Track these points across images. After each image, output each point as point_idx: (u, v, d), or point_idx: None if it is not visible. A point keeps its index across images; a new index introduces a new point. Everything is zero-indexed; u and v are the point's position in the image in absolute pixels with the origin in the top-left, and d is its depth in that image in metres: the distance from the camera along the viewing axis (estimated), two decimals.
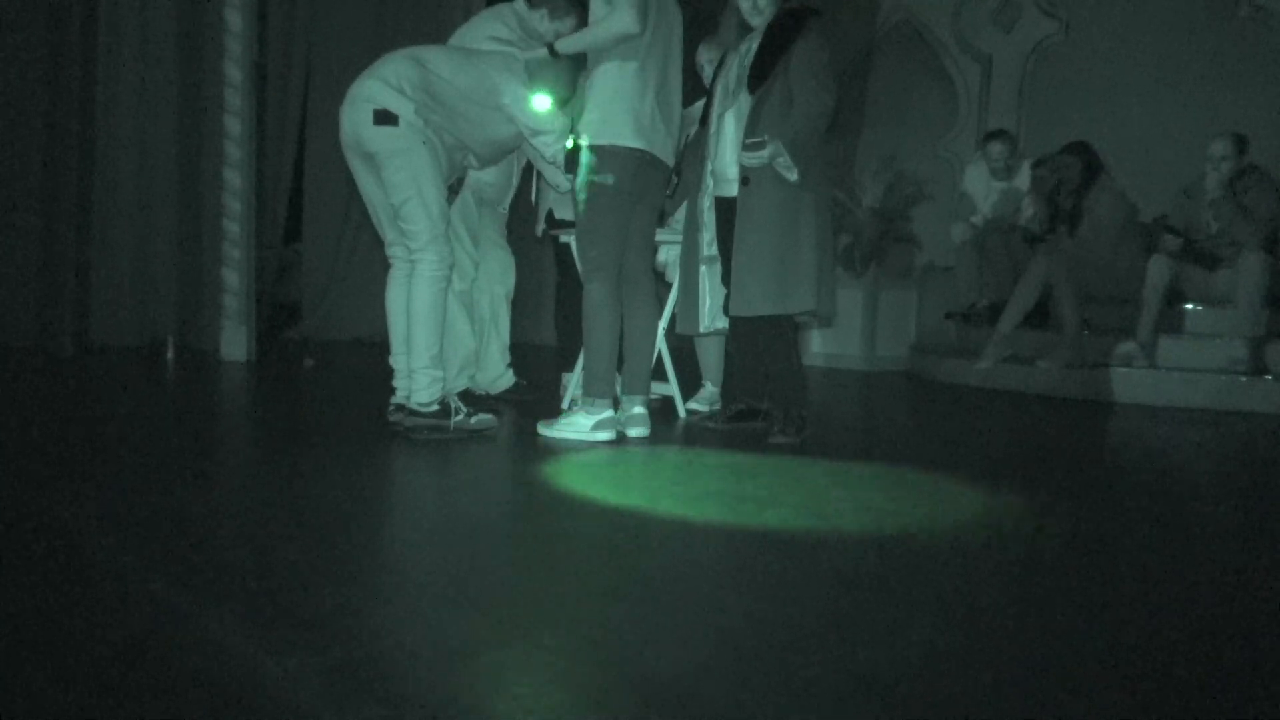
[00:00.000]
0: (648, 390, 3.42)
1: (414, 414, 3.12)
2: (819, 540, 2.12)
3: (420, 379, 3.11)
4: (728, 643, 1.47)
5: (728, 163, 3.34)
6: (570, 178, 3.32)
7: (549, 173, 3.58)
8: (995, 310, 5.49)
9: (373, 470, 2.67)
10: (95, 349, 5.64)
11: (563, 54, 3.19)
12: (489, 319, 4.04)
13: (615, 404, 3.31)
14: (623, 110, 3.12)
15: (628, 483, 2.80)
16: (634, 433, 3.30)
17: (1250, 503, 2.85)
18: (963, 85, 7.25)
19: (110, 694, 1.23)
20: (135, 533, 1.92)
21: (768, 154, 3.09)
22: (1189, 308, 5.17)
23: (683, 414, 3.88)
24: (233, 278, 5.47)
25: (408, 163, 3.02)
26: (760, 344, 3.37)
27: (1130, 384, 4.84)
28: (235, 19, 5.39)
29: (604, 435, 3.21)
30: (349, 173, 3.22)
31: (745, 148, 3.15)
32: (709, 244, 3.42)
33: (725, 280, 3.36)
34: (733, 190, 3.30)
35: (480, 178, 3.77)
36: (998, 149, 5.84)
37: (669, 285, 3.96)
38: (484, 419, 3.24)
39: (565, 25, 3.54)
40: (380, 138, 3.02)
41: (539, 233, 4.33)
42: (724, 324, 3.45)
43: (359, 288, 6.75)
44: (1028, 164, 5.82)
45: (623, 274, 3.28)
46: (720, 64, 3.50)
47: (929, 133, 7.23)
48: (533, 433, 3.28)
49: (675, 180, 3.68)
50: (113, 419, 3.53)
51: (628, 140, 3.13)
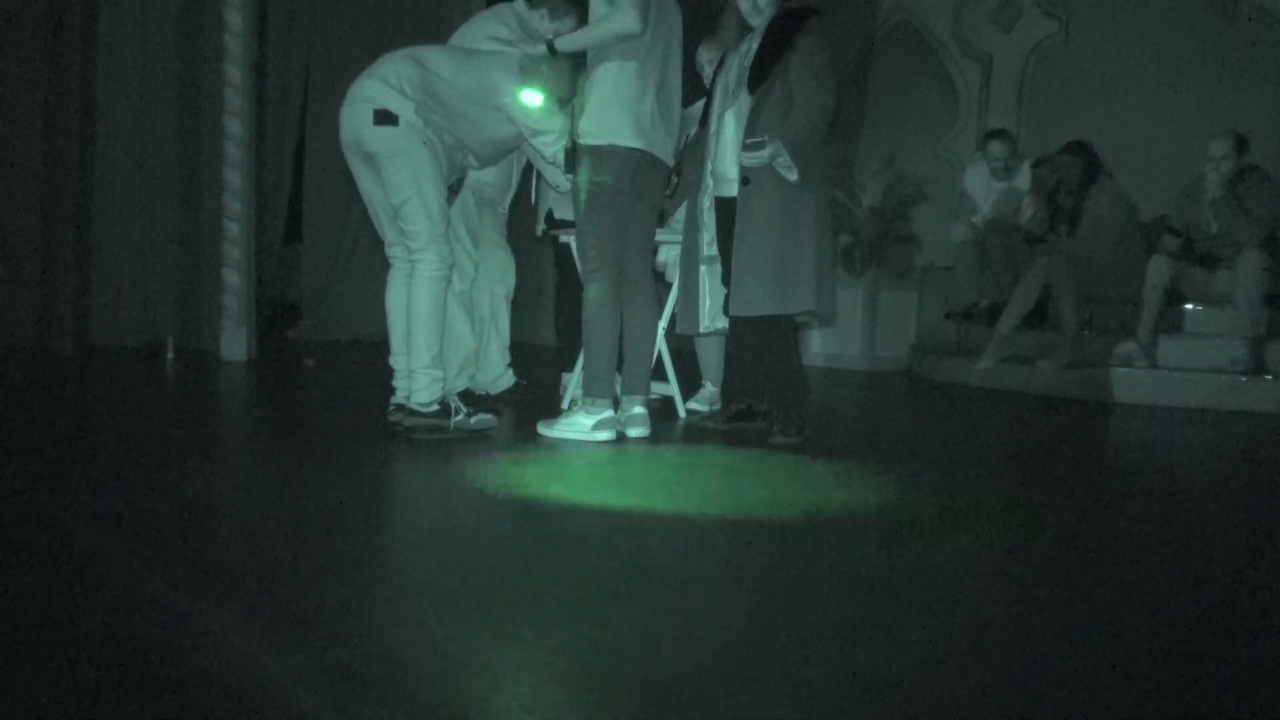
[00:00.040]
0: (648, 390, 3.42)
1: (414, 414, 3.13)
2: (819, 540, 2.12)
3: (420, 379, 3.11)
4: (728, 643, 1.47)
5: (728, 163, 3.34)
6: (570, 178, 3.32)
7: (549, 173, 3.58)
8: (995, 310, 5.49)
9: (373, 470, 2.67)
10: (95, 349, 5.64)
11: (562, 52, 3.19)
12: (489, 319, 4.04)
13: (615, 404, 3.31)
14: (622, 110, 3.12)
15: (628, 483, 2.80)
16: (634, 433, 3.30)
17: (1250, 503, 2.85)
18: (963, 85, 7.25)
19: (110, 694, 1.23)
20: (135, 533, 1.92)
21: (768, 154, 3.09)
22: (1189, 308, 5.16)
23: (683, 414, 3.88)
24: (233, 278, 5.47)
25: (408, 163, 3.02)
26: (760, 344, 3.37)
27: (1130, 384, 4.84)
28: (235, 19, 5.38)
29: (604, 435, 3.21)
30: (349, 173, 3.22)
31: (745, 148, 3.15)
32: (709, 244, 3.42)
33: (725, 280, 3.36)
34: (733, 190, 3.29)
35: (480, 178, 3.76)
36: (998, 149, 5.83)
37: (669, 285, 3.96)
38: (484, 419, 3.24)
39: (565, 25, 3.54)
40: (380, 138, 3.02)
41: (539, 233, 4.33)
42: (724, 324, 3.45)
43: (359, 288, 6.75)
44: (1028, 164, 5.82)
45: (623, 274, 3.28)
46: (720, 64, 3.50)
47: (929, 133, 7.23)
48: (533, 433, 3.28)
49: (675, 180, 3.69)
50: (113, 419, 3.53)
51: (627, 140, 3.13)
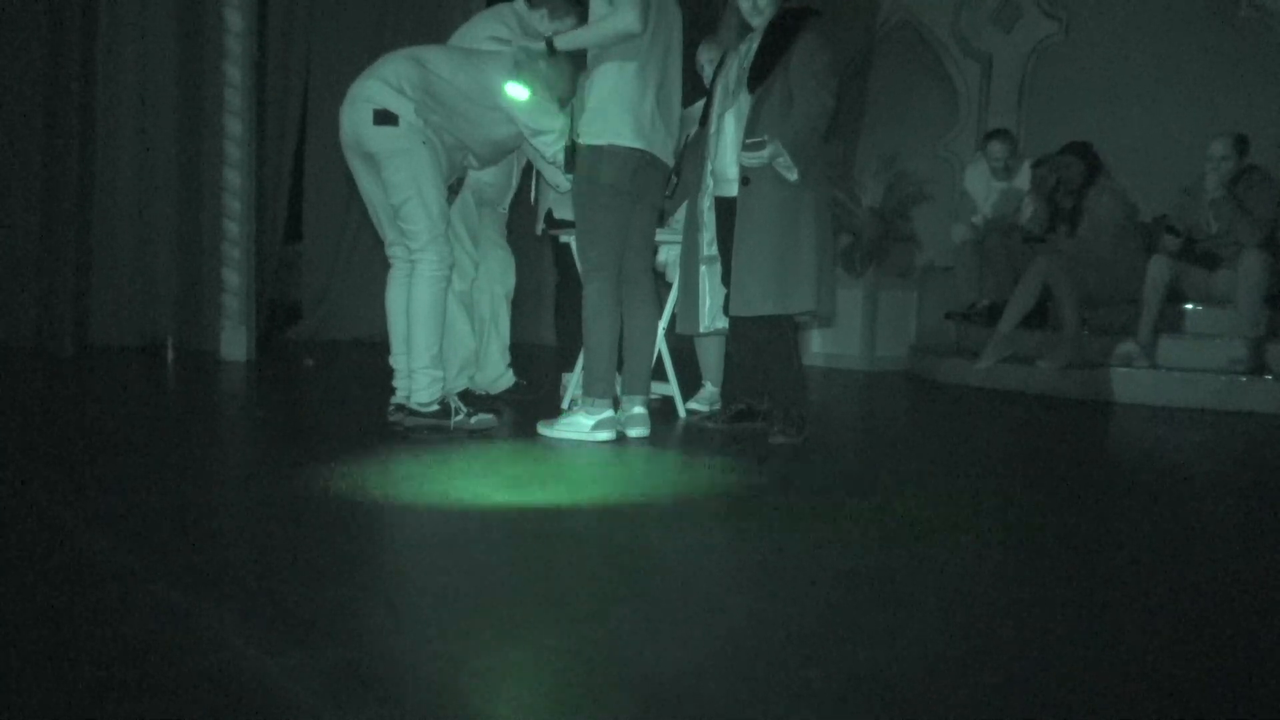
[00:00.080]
0: (648, 390, 3.42)
1: (414, 414, 3.13)
2: (819, 540, 2.12)
3: (420, 379, 3.11)
4: (728, 643, 1.47)
5: (728, 163, 3.34)
6: (570, 177, 3.32)
7: (549, 173, 3.58)
8: (995, 310, 5.49)
9: (373, 470, 2.67)
10: (95, 349, 5.64)
11: (561, 50, 3.19)
12: (489, 319, 4.03)
13: (615, 404, 3.31)
14: (622, 110, 3.12)
15: (628, 483, 2.80)
16: (634, 433, 3.30)
17: (1250, 503, 2.85)
18: (963, 85, 7.25)
19: (110, 694, 1.23)
20: (135, 532, 1.92)
21: (768, 154, 3.09)
22: (1189, 308, 5.16)
23: (683, 414, 3.88)
24: (233, 278, 5.47)
25: (408, 163, 3.02)
26: (760, 344, 3.37)
27: (1130, 384, 4.83)
28: (235, 19, 5.38)
29: (604, 435, 3.21)
30: (349, 173, 3.23)
31: (745, 148, 3.15)
32: (709, 244, 3.42)
33: (725, 280, 3.36)
34: (733, 190, 3.29)
35: (480, 178, 3.76)
36: (998, 148, 5.84)
37: (669, 285, 3.96)
38: (484, 419, 3.24)
39: (565, 25, 3.54)
40: (380, 138, 3.02)
41: (538, 232, 4.33)
42: (724, 324, 3.45)
43: (359, 288, 6.74)
44: (1028, 164, 5.81)
45: (622, 274, 3.28)
46: (720, 64, 3.50)
47: (929, 133, 7.22)
48: (533, 433, 3.28)
49: (675, 180, 3.69)
50: (113, 419, 3.53)
51: (627, 140, 3.13)
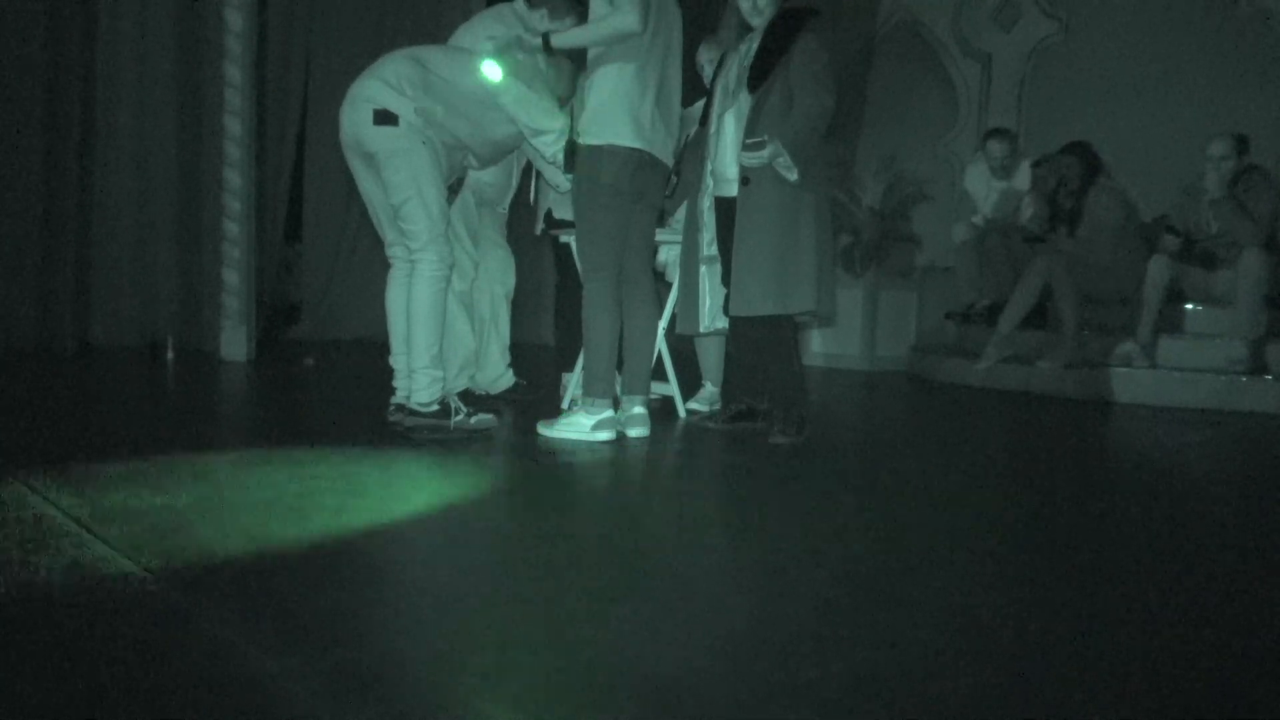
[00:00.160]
0: (648, 390, 3.42)
1: (414, 414, 3.13)
2: (819, 540, 2.12)
3: (420, 379, 3.11)
4: (728, 643, 1.47)
5: (728, 163, 3.34)
6: (570, 178, 3.32)
7: (549, 173, 3.58)
8: (995, 310, 5.49)
9: (372, 470, 2.67)
10: (95, 349, 5.64)
11: (559, 48, 3.19)
12: (489, 319, 4.04)
13: (615, 404, 3.31)
14: (622, 110, 3.12)
15: (628, 483, 2.80)
16: (634, 433, 3.30)
17: (1250, 503, 2.85)
18: (963, 85, 7.25)
19: (110, 694, 1.23)
20: (135, 533, 1.92)
21: (768, 154, 3.09)
22: (1189, 308, 5.16)
23: (683, 414, 3.88)
24: (233, 278, 5.47)
25: (407, 163, 3.02)
26: (760, 344, 3.37)
27: (1130, 384, 4.84)
28: (235, 19, 5.38)
29: (604, 435, 3.21)
30: (349, 173, 3.23)
31: (745, 148, 3.15)
32: (709, 244, 3.42)
33: (725, 280, 3.36)
34: (733, 190, 3.29)
35: (480, 178, 3.77)
36: (997, 147, 5.84)
37: (669, 285, 3.96)
38: (484, 419, 3.24)
39: (565, 25, 3.53)
40: (380, 138, 3.02)
41: (538, 232, 4.33)
42: (724, 324, 3.45)
43: (359, 288, 6.75)
44: (1027, 163, 5.82)
45: (622, 274, 3.28)
46: (720, 64, 3.50)
47: (929, 133, 7.23)
48: (533, 433, 3.28)
49: (675, 180, 3.68)
50: (113, 419, 3.53)
51: (627, 140, 3.13)
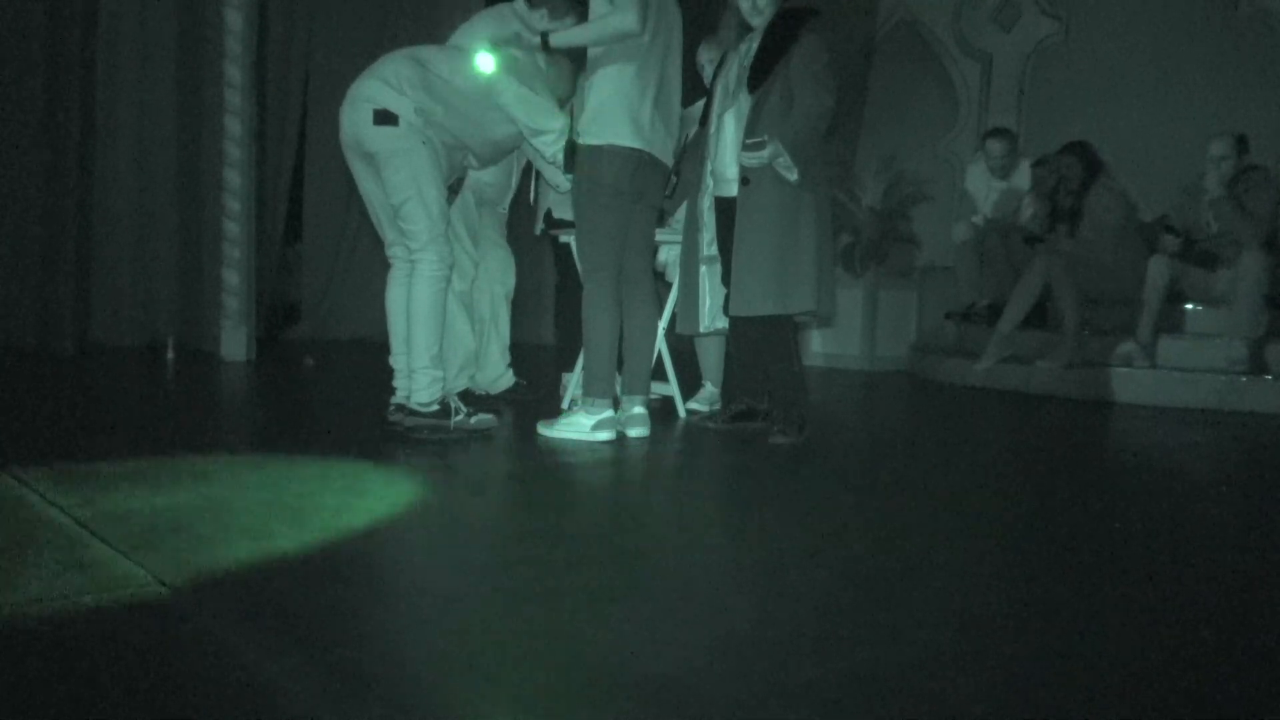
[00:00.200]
0: (648, 390, 3.42)
1: (414, 414, 3.12)
2: (819, 540, 2.12)
3: (420, 379, 3.11)
4: (728, 643, 1.47)
5: (728, 163, 3.34)
6: (570, 178, 3.32)
7: (549, 173, 3.58)
8: (995, 310, 5.49)
9: (372, 470, 2.67)
10: (95, 349, 5.64)
11: (557, 46, 3.19)
12: (489, 319, 4.04)
13: (615, 404, 3.31)
14: (622, 111, 3.12)
15: (628, 483, 2.80)
16: (634, 433, 3.29)
17: (1250, 503, 2.85)
18: (963, 85, 7.25)
19: (110, 694, 1.23)
20: (135, 532, 1.92)
21: (768, 154, 3.09)
22: (1189, 308, 5.16)
23: (683, 414, 3.88)
24: (233, 278, 5.47)
25: (407, 163, 3.02)
26: (760, 344, 3.37)
27: (1130, 384, 4.83)
28: (235, 19, 5.38)
29: (604, 435, 3.21)
30: (349, 173, 3.22)
31: (745, 148, 3.15)
32: (709, 244, 3.42)
33: (725, 280, 3.36)
34: (733, 190, 3.29)
35: (480, 178, 3.76)
36: (996, 147, 5.84)
37: (669, 285, 3.96)
38: (484, 419, 3.23)
39: (564, 25, 3.54)
40: (380, 138, 3.02)
41: (537, 232, 4.33)
42: (724, 324, 3.45)
43: (359, 288, 6.75)
44: (1027, 163, 5.82)
45: (622, 274, 3.28)
46: (720, 64, 3.50)
47: (929, 133, 7.23)
48: (533, 433, 3.28)
49: (674, 180, 3.68)
50: (113, 419, 3.53)
51: (627, 140, 3.13)
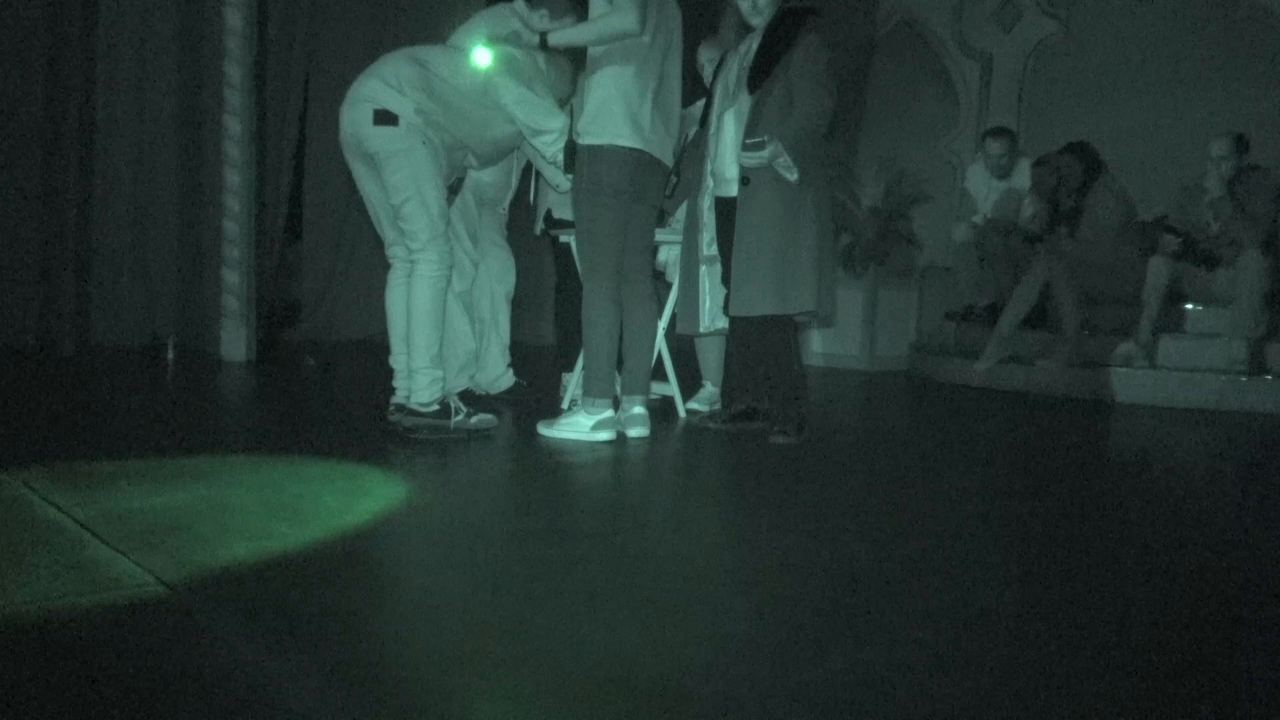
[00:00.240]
0: (647, 390, 3.42)
1: (414, 414, 3.12)
2: (819, 540, 2.12)
3: (420, 379, 3.11)
4: (728, 643, 1.47)
5: (728, 163, 3.34)
6: (570, 178, 3.32)
7: (549, 173, 3.58)
8: (995, 310, 5.49)
9: (372, 470, 2.67)
10: (95, 349, 5.64)
11: (556, 45, 3.19)
12: (489, 319, 4.03)
13: (615, 404, 3.31)
14: (621, 110, 3.12)
15: (628, 483, 2.80)
16: (634, 433, 3.30)
17: (1250, 503, 2.85)
18: (963, 85, 7.25)
19: (110, 694, 1.23)
20: (135, 532, 1.92)
21: (768, 154, 3.09)
22: (1189, 308, 5.17)
23: (683, 414, 3.88)
24: (233, 278, 5.46)
25: (407, 163, 3.02)
26: (760, 344, 3.37)
27: (1130, 384, 4.84)
28: (235, 19, 5.38)
29: (604, 435, 3.21)
30: (349, 173, 3.22)
31: (745, 148, 3.15)
32: (709, 244, 3.42)
33: (725, 280, 3.36)
34: (733, 190, 3.30)
35: (480, 178, 3.76)
36: (995, 146, 5.84)
37: (669, 285, 3.96)
38: (484, 419, 3.24)
39: (564, 25, 3.54)
40: (380, 138, 3.02)
41: (537, 232, 4.33)
42: (724, 324, 3.45)
43: (359, 288, 6.74)
44: (1027, 163, 5.82)
45: (622, 274, 3.28)
46: (720, 64, 3.50)
47: (929, 133, 7.23)
48: (533, 433, 3.28)
49: (674, 180, 3.69)
50: (113, 419, 3.53)
51: (626, 140, 3.13)
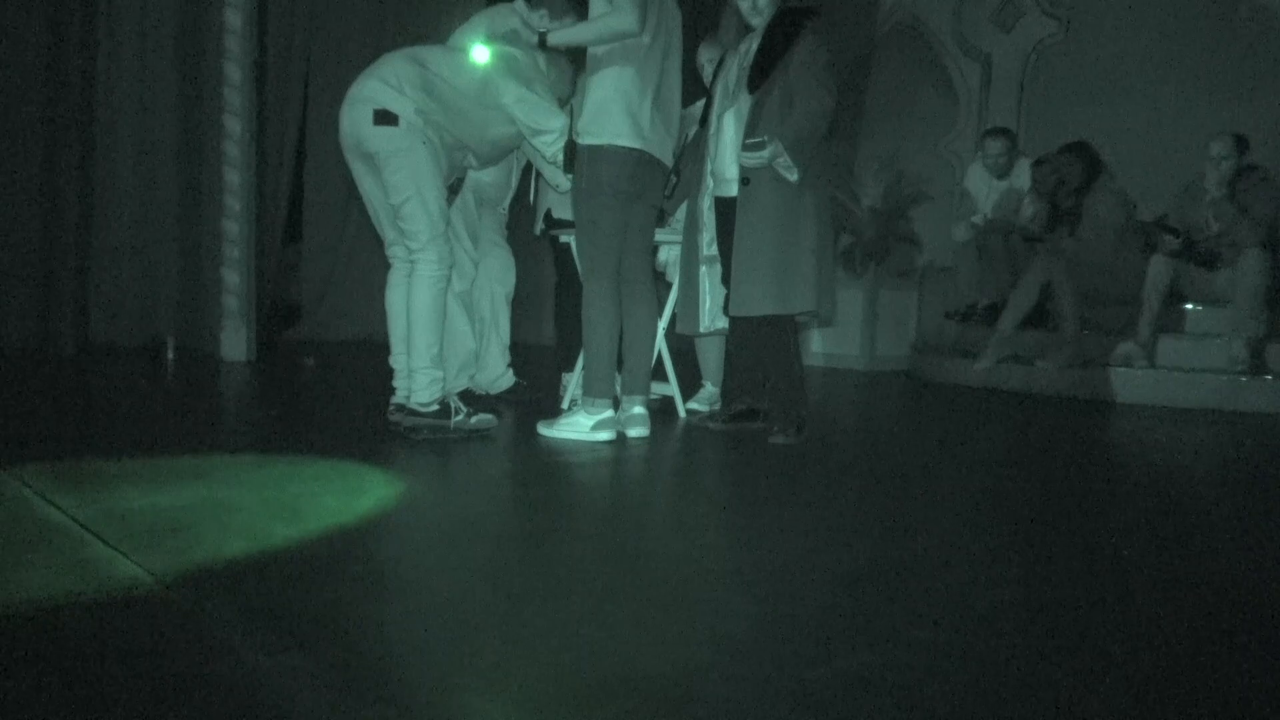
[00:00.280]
0: (647, 390, 3.42)
1: (414, 414, 3.13)
2: (819, 540, 2.11)
3: (420, 379, 3.11)
4: (728, 643, 1.47)
5: (728, 163, 3.34)
6: (570, 177, 3.32)
7: (549, 173, 3.58)
8: (995, 310, 5.49)
9: (372, 470, 2.67)
10: (95, 349, 5.64)
11: (555, 45, 3.19)
12: (489, 319, 4.04)
13: (615, 404, 3.31)
14: (621, 110, 3.12)
15: (628, 483, 2.80)
16: (634, 433, 3.30)
17: (1250, 503, 2.85)
18: (963, 85, 7.25)
19: (110, 694, 1.23)
20: (135, 532, 1.92)
21: (768, 154, 3.09)
22: (1189, 308, 5.17)
23: (683, 414, 3.88)
24: (233, 278, 5.47)
25: (407, 163, 3.02)
26: (760, 344, 3.37)
27: (1130, 384, 4.84)
28: (235, 19, 5.38)
29: (604, 435, 3.21)
30: (349, 173, 3.22)
31: (745, 148, 3.15)
32: (709, 244, 3.42)
33: (725, 280, 3.36)
34: (733, 190, 3.30)
35: (480, 178, 3.77)
36: (995, 146, 5.84)
37: (669, 285, 3.96)
38: (484, 419, 3.24)
39: (564, 25, 3.54)
40: (380, 138, 3.02)
41: (537, 232, 4.33)
42: (724, 324, 3.45)
43: (359, 288, 6.75)
44: (1027, 163, 5.82)
45: (622, 274, 3.28)
46: (720, 64, 3.50)
47: (929, 133, 7.24)
48: (533, 433, 3.28)
49: (674, 180, 3.69)
50: (113, 419, 3.53)
51: (626, 140, 3.13)
